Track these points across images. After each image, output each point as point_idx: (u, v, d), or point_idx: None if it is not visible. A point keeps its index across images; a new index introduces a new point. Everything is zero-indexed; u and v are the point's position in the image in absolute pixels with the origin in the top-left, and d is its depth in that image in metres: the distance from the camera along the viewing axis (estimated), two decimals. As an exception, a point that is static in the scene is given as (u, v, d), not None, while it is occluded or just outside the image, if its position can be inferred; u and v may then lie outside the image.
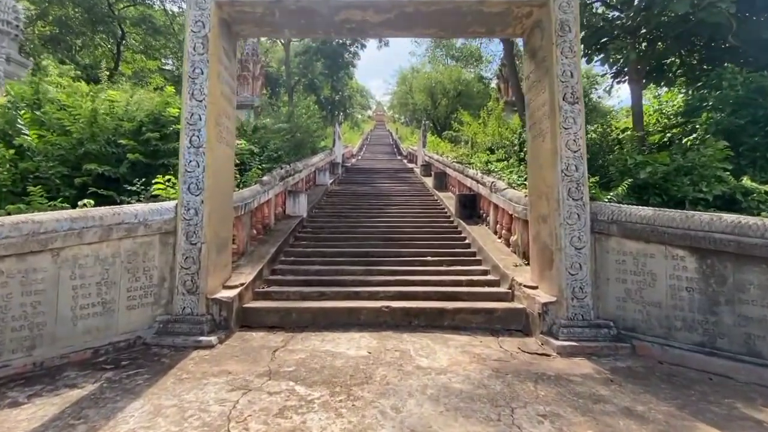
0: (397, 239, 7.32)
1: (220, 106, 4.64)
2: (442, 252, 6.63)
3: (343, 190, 12.31)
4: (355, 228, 8.02)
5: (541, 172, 4.61)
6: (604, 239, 4.22)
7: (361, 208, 9.93)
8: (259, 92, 20.39)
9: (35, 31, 25.10)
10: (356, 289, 5.07)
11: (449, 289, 5.16)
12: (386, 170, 17.35)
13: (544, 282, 4.55)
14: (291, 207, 8.27)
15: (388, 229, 7.97)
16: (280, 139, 11.88)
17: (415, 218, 8.91)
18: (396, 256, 6.47)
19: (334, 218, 8.86)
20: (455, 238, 7.44)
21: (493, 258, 5.83)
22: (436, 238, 7.38)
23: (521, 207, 5.70)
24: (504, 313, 4.55)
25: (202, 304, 4.24)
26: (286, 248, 6.66)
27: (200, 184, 4.30)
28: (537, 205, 4.74)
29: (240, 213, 5.71)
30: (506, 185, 6.86)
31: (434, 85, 37.54)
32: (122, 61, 29.43)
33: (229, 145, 4.95)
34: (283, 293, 5.03)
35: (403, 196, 11.47)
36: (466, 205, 8.23)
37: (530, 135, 5.00)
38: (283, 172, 8.25)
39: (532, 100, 4.91)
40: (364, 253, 6.56)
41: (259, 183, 6.79)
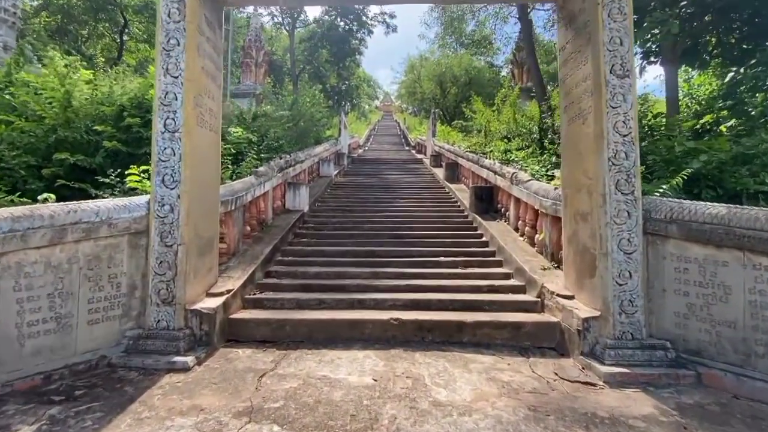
0: (406, 236, 6.63)
1: (201, 84, 3.96)
2: (456, 252, 5.93)
3: (349, 182, 11.62)
4: (361, 224, 7.34)
5: (581, 160, 3.87)
6: (660, 242, 3.49)
7: (368, 201, 9.24)
8: (263, 80, 19.70)
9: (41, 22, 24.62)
10: (360, 297, 4.41)
11: (468, 296, 4.47)
12: (394, 161, 16.60)
13: (583, 291, 3.83)
14: (291, 200, 7.62)
15: (397, 224, 7.28)
16: (281, 128, 11.22)
17: (426, 213, 8.20)
18: (405, 256, 5.79)
19: (338, 213, 8.19)
20: (471, 236, 6.73)
21: (516, 259, 5.12)
22: (449, 236, 6.68)
23: (550, 201, 4.96)
24: (534, 328, 3.86)
25: (180, 317, 3.61)
26: (284, 247, 6.02)
27: (176, 175, 3.64)
28: (574, 200, 4.01)
29: (230, 208, 5.06)
30: (529, 176, 6.11)
31: (444, 70, 36.38)
32: (126, 51, 28.93)
33: (213, 130, 4.28)
34: (276, 301, 4.39)
35: (412, 189, 10.75)
36: (482, 198, 7.50)
37: (565, 117, 4.24)
38: (283, 163, 7.58)
39: (569, 76, 4.15)
40: (369, 252, 5.89)
41: (254, 174, 6.14)
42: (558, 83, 4.42)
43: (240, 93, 18.19)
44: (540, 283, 4.37)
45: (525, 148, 9.36)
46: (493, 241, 6.14)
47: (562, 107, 4.36)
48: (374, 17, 28.39)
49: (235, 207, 5.19)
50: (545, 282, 4.37)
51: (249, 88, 18.36)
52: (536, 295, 4.39)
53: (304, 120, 14.13)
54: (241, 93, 18.15)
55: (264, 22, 24.43)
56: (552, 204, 4.90)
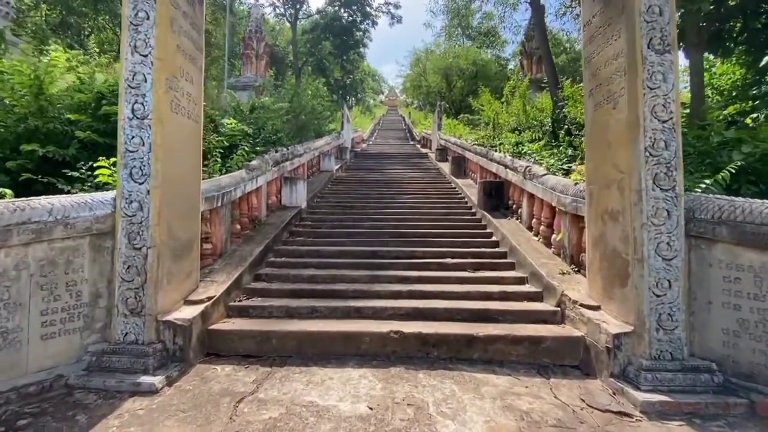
0: (409, 235, 6.15)
1: (176, 64, 3.49)
2: (464, 252, 5.44)
3: (350, 177, 11.14)
4: (361, 221, 6.87)
5: (610, 151, 3.36)
6: (705, 246, 2.98)
7: (369, 197, 8.76)
8: (264, 72, 19.19)
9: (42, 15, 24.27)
10: (358, 304, 3.94)
11: (478, 305, 3.99)
12: (398, 155, 16.08)
13: (611, 302, 3.34)
14: (287, 196, 7.16)
15: (400, 222, 6.80)
16: (280, 120, 10.75)
17: (431, 209, 7.71)
18: (408, 257, 5.31)
19: (338, 209, 7.72)
20: (480, 234, 6.24)
21: (531, 262, 4.63)
22: (456, 234, 6.19)
23: (569, 198, 4.45)
24: (554, 343, 3.37)
25: (150, 329, 3.17)
26: (277, 246, 5.56)
27: (145, 168, 3.19)
28: (601, 198, 3.50)
29: (216, 205, 4.61)
30: (545, 170, 5.59)
31: (450, 60, 35.65)
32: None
33: (192, 118, 3.81)
34: (264, 309, 3.94)
35: (416, 184, 10.25)
36: (492, 194, 6.99)
37: (591, 103, 3.72)
38: (279, 156, 7.12)
39: (595, 54, 3.62)
40: (370, 253, 5.42)
41: (246, 168, 5.68)
42: (582, 64, 3.89)
43: (240, 85, 17.72)
44: (559, 291, 3.88)
45: (537, 140, 8.82)
46: (504, 241, 5.65)
47: (586, 91, 3.84)
48: (378, 7, 27.75)
49: (222, 204, 4.74)
50: (565, 289, 3.87)
51: (249, 80, 17.87)
52: (555, 304, 3.89)
53: (306, 113, 13.65)
54: (241, 85, 17.68)
55: (265, 13, 23.88)
56: (572, 201, 4.39)
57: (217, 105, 10.84)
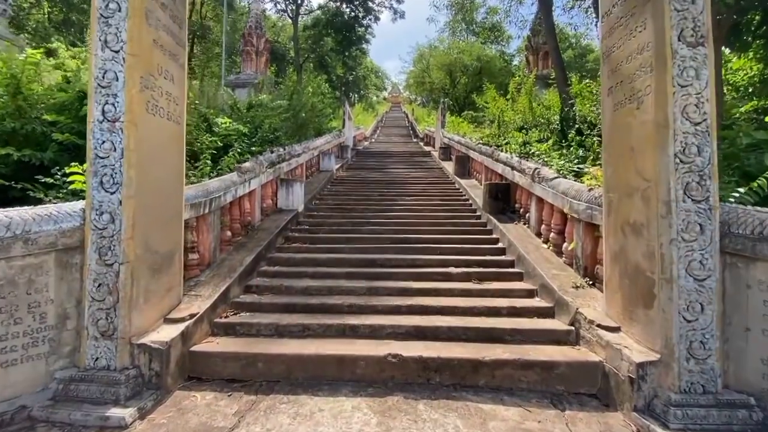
0: (411, 241, 5.84)
1: (152, 61, 3.18)
2: (469, 261, 5.11)
3: (351, 177, 10.83)
4: (361, 225, 6.56)
5: (633, 156, 3.02)
6: (743, 266, 2.64)
7: (370, 199, 8.45)
8: (264, 69, 18.88)
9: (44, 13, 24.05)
10: (353, 321, 3.64)
11: (484, 322, 3.67)
12: (401, 154, 15.74)
13: (634, 324, 3.01)
14: (283, 199, 6.86)
15: (401, 227, 6.48)
16: (279, 118, 10.45)
17: (434, 212, 7.38)
18: (409, 266, 5.00)
19: (337, 212, 7.41)
20: (485, 240, 5.91)
21: (541, 273, 4.30)
22: (460, 240, 5.86)
23: (583, 205, 4.12)
24: (569, 369, 3.05)
25: (123, 353, 2.89)
26: (271, 254, 5.26)
27: (117, 176, 2.89)
28: (622, 208, 3.16)
29: (204, 211, 4.31)
30: (555, 173, 5.25)
31: (454, 56, 35.19)
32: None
33: (173, 120, 3.50)
34: (252, 326, 3.64)
35: (419, 184, 9.92)
36: (498, 196, 6.65)
37: (609, 102, 3.37)
38: (274, 157, 6.81)
39: (615, 48, 3.27)
40: (368, 261, 5.11)
41: (237, 171, 5.37)
42: (600, 60, 3.53)
43: (240, 82, 17.42)
44: (573, 307, 3.55)
45: (545, 140, 8.46)
46: (511, 249, 5.31)
47: (604, 90, 3.49)
48: (381, 2, 27.28)
49: (210, 210, 4.44)
50: (580, 306, 3.55)
51: (249, 77, 17.56)
52: (569, 322, 3.57)
53: (306, 111, 13.34)
54: (241, 82, 17.38)
55: (266, 9, 23.51)
56: (586, 208, 4.05)
57: (213, 103, 10.55)
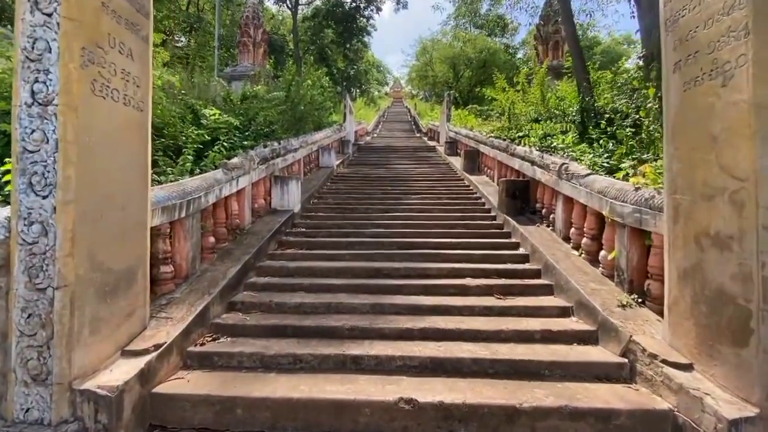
0: (420, 246, 5.19)
1: (100, 29, 2.51)
2: (487, 270, 4.46)
3: (353, 174, 10.16)
4: (363, 227, 5.91)
5: (714, 148, 2.34)
6: None
7: (373, 197, 7.78)
8: (262, 61, 18.13)
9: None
10: (355, 351, 2.99)
11: (515, 351, 3.02)
12: (404, 149, 15.06)
13: (716, 364, 2.35)
14: (278, 198, 6.21)
15: (408, 229, 5.83)
16: (275, 111, 9.78)
17: (444, 213, 6.72)
18: (420, 277, 4.35)
19: (337, 212, 6.76)
20: (504, 245, 5.25)
21: (575, 286, 3.65)
22: (475, 245, 5.20)
23: (629, 207, 3.45)
24: (630, 420, 2.39)
25: (61, 402, 2.25)
26: (261, 262, 4.62)
27: (50, 175, 2.24)
28: (696, 213, 2.49)
29: (180, 215, 3.67)
30: (587, 169, 4.58)
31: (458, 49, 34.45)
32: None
33: (132, 105, 2.84)
34: (233, 356, 3.00)
35: (425, 181, 9.26)
36: (516, 195, 5.98)
37: (676, 80, 2.69)
38: (268, 152, 6.15)
39: (686, 11, 2.58)
40: (372, 271, 4.47)
41: (223, 168, 4.72)
42: (662, 30, 2.84)
43: (237, 75, 16.69)
44: (625, 333, 2.90)
45: (564, 132, 7.77)
46: (536, 256, 4.65)
47: (666, 65, 2.81)
48: (383, -8, 26.44)
49: (188, 213, 3.80)
50: (633, 331, 2.89)
51: (246, 69, 16.83)
52: (620, 352, 2.91)
53: (305, 103, 12.66)
54: (238, 75, 16.66)
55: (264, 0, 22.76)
56: (633, 212, 3.39)
57: (205, 94, 9.88)
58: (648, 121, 5.04)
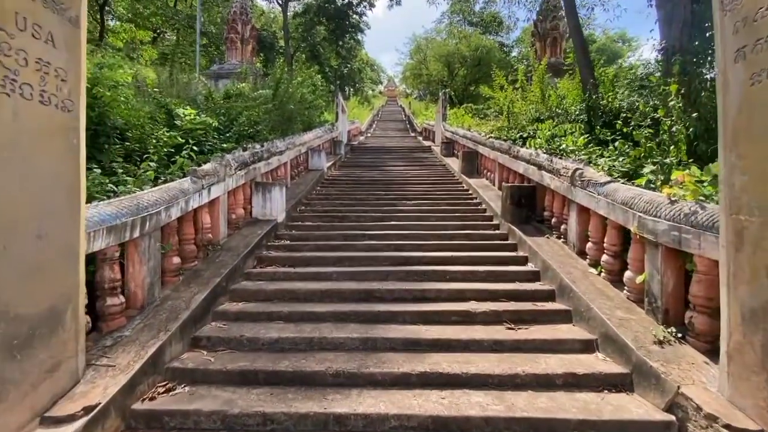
0: (417, 261, 4.64)
1: (2, 6, 1.92)
2: (494, 291, 3.91)
3: (344, 177, 9.59)
4: (355, 239, 5.34)
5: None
6: None
7: (366, 203, 7.22)
8: (251, 59, 17.48)
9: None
10: (340, 410, 2.42)
11: (534, 404, 2.47)
12: (399, 149, 14.51)
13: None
14: (259, 207, 5.62)
15: (404, 240, 5.27)
16: (261, 110, 9.18)
17: (442, 220, 6.17)
18: (417, 300, 3.80)
19: (325, 221, 6.18)
20: (511, 260, 4.71)
21: (598, 313, 3.12)
22: (479, 260, 4.66)
23: (664, 224, 2.91)
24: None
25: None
26: (235, 284, 4.03)
27: None
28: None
29: (131, 235, 3.08)
30: (605, 176, 4.05)
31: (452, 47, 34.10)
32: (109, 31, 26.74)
33: (55, 104, 2.24)
34: (188, 415, 2.42)
35: (421, 185, 8.71)
36: (521, 202, 5.45)
37: (741, 72, 2.14)
38: (248, 156, 5.56)
39: (754, -16, 2.04)
40: (364, 293, 3.90)
41: (191, 176, 4.12)
42: (717, 11, 2.30)
43: (224, 73, 16.03)
44: (671, 384, 2.36)
45: (567, 133, 7.26)
46: (548, 274, 4.12)
47: (725, 52, 2.26)
48: (376, -12, 25.78)
49: (143, 232, 3.20)
50: (680, 380, 2.36)
51: (234, 67, 16.14)
52: (665, 406, 2.38)
53: (294, 102, 12.06)
54: (224, 73, 15.99)
55: (254, -5, 22.04)
56: (670, 229, 2.85)
57: (185, 93, 9.26)
58: (670, 121, 4.52)
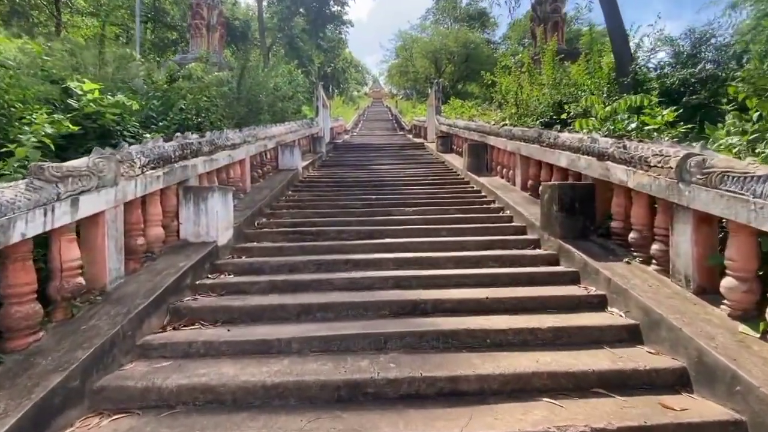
0: (433, 309, 2.88)
1: None
2: (578, 372, 2.17)
3: (324, 178, 7.78)
4: (333, 270, 3.55)
5: None
6: None
7: (351, 211, 5.43)
8: (219, 48, 15.52)
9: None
10: None
11: None
12: (389, 146, 12.78)
13: None
14: (190, 224, 3.78)
15: (408, 270, 3.50)
16: (218, 98, 7.36)
17: (456, 234, 4.43)
18: (443, 400, 2.04)
19: (292, 241, 4.36)
20: (580, 304, 2.97)
21: None
22: (530, 303, 2.92)
23: None
24: None
25: None
26: (105, 378, 2.20)
27: None
28: None
29: None
30: (763, 166, 2.36)
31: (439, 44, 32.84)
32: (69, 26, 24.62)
33: None
34: None
35: (420, 186, 6.97)
36: (575, 208, 3.75)
37: None
38: (171, 149, 3.72)
39: None
40: (345, 391, 2.11)
41: (32, 177, 2.28)
42: None
43: (188, 62, 14.01)
44: None
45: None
46: (659, 333, 2.40)
47: None
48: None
49: None
50: None
51: (198, 55, 14.21)
52: None
53: (267, 93, 10.26)
54: (189, 62, 13.99)
55: (224, -18, 20.09)
56: None
57: (125, 75, 7.36)
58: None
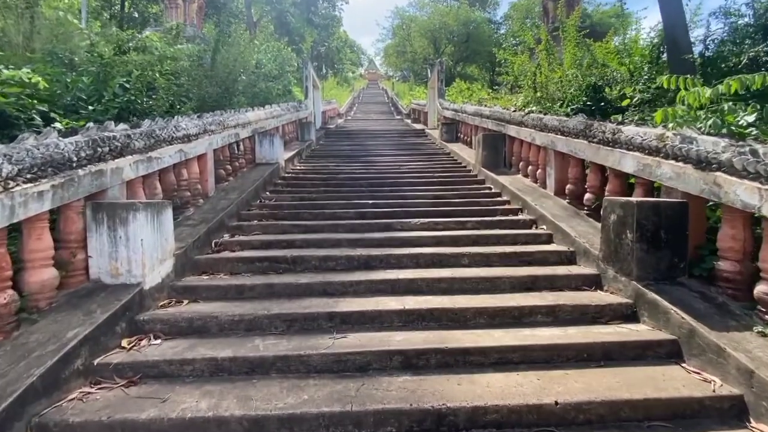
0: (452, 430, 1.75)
1: None
2: None
3: (312, 173, 6.56)
4: (307, 344, 2.40)
5: None
6: None
7: (340, 226, 4.23)
8: (198, 21, 13.97)
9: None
10: None
11: None
12: (386, 133, 11.50)
13: None
14: (104, 257, 2.59)
15: (417, 342, 2.36)
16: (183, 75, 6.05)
17: (482, 264, 3.28)
18: None
19: (262, 272, 3.17)
20: (684, 408, 1.86)
21: None
22: (616, 415, 1.80)
23: None
24: None
25: None
26: None
27: None
28: None
29: None
30: None
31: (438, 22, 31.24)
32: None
33: None
34: None
35: (423, 186, 5.78)
36: (656, 236, 2.61)
37: None
38: (73, 146, 2.50)
39: None
40: None
41: None
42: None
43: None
44: None
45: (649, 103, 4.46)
46: None
47: None
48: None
49: None
50: None
51: (169, 27, 12.69)
52: None
53: (247, 71, 8.91)
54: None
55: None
56: None
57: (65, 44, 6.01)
58: None
